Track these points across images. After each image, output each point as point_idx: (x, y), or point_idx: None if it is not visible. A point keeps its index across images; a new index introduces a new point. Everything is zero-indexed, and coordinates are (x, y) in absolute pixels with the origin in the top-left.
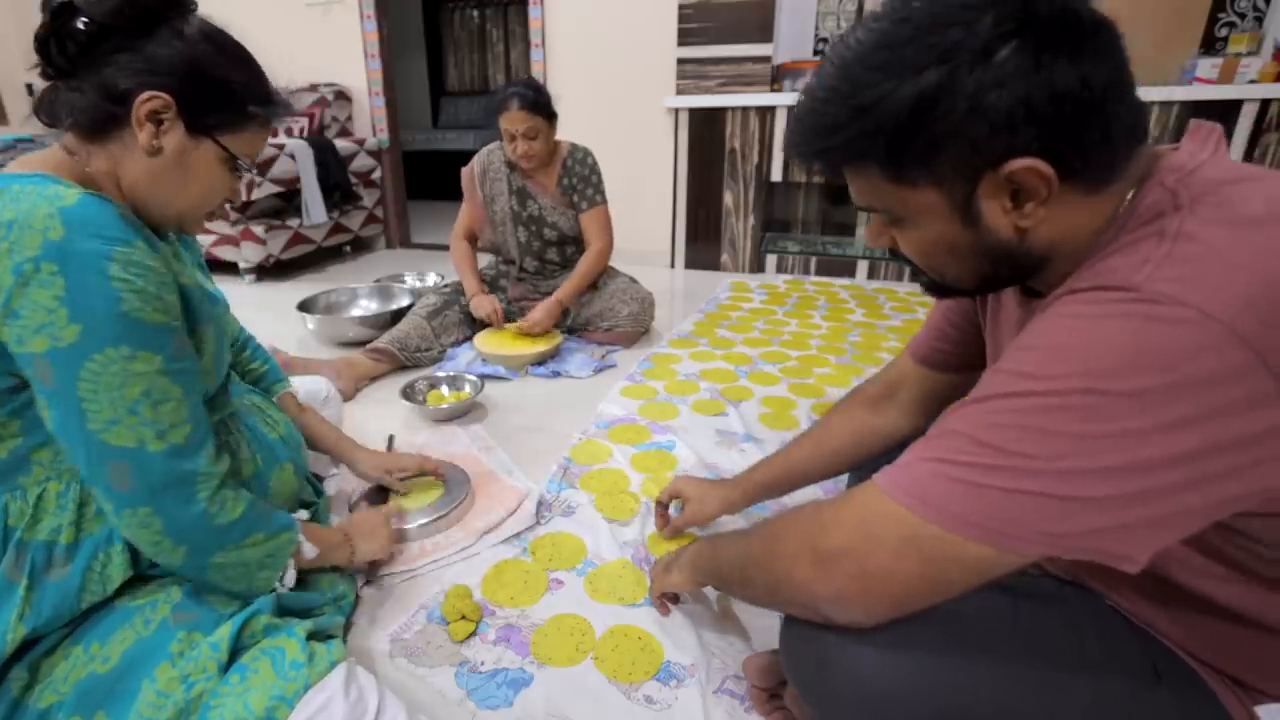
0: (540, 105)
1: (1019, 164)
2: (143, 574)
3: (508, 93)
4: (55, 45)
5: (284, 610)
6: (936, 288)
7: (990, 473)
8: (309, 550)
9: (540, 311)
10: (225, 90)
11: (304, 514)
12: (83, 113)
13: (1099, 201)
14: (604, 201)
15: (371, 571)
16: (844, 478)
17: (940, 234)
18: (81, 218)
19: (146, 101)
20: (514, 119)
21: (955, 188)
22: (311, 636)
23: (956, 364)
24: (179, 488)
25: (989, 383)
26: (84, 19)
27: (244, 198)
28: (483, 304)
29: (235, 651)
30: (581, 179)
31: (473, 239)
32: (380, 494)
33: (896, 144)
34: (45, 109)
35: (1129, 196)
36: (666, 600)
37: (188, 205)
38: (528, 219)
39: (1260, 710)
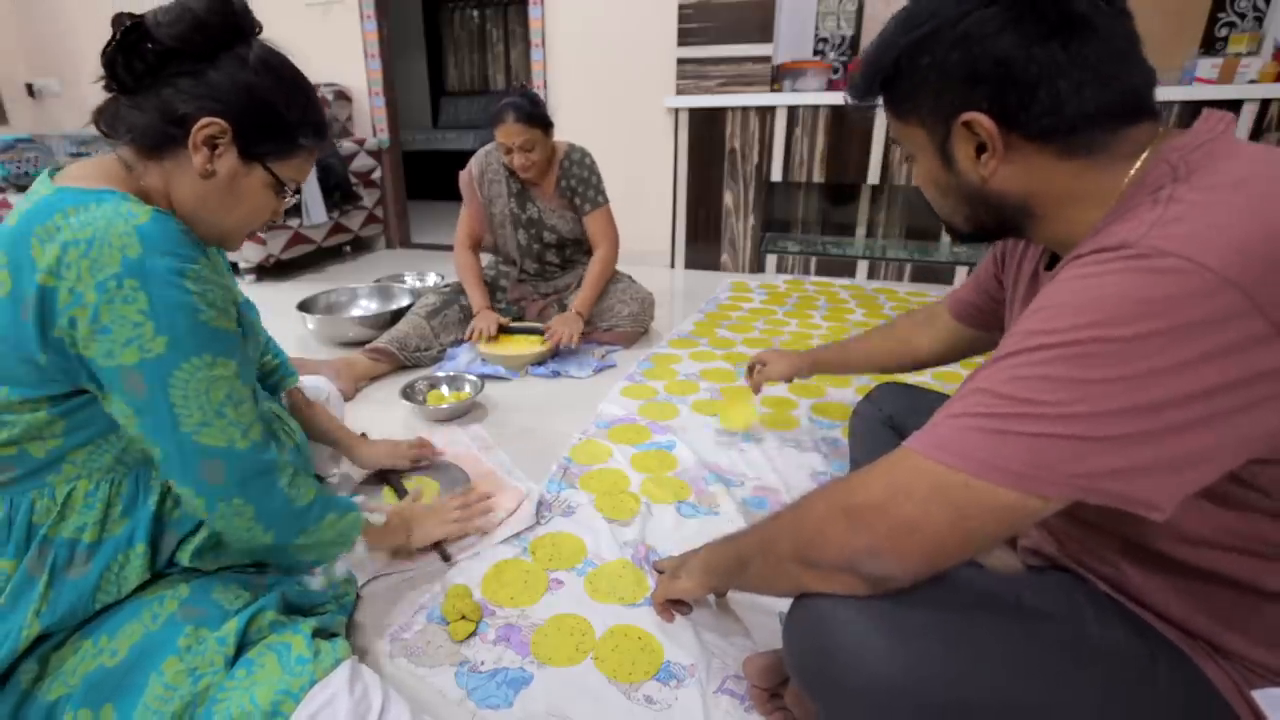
0: (536, 117)
1: (967, 115)
2: (156, 573)
3: (503, 105)
4: (122, 63)
5: (289, 607)
6: (950, 230)
7: (1012, 420)
8: (361, 548)
9: (561, 324)
10: (280, 120)
11: (360, 498)
12: (142, 131)
13: (1088, 170)
14: (606, 202)
15: (442, 552)
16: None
17: (930, 170)
18: (155, 235)
19: (205, 127)
20: (510, 132)
21: (935, 130)
22: (317, 634)
23: (981, 323)
24: (263, 477)
25: (1004, 345)
26: (152, 42)
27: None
28: (482, 320)
29: (242, 646)
30: (581, 180)
31: (476, 245)
32: (377, 482)
33: (889, 84)
34: (106, 120)
35: (1132, 172)
36: (671, 607)
37: (233, 225)
38: (527, 221)
39: (1256, 694)
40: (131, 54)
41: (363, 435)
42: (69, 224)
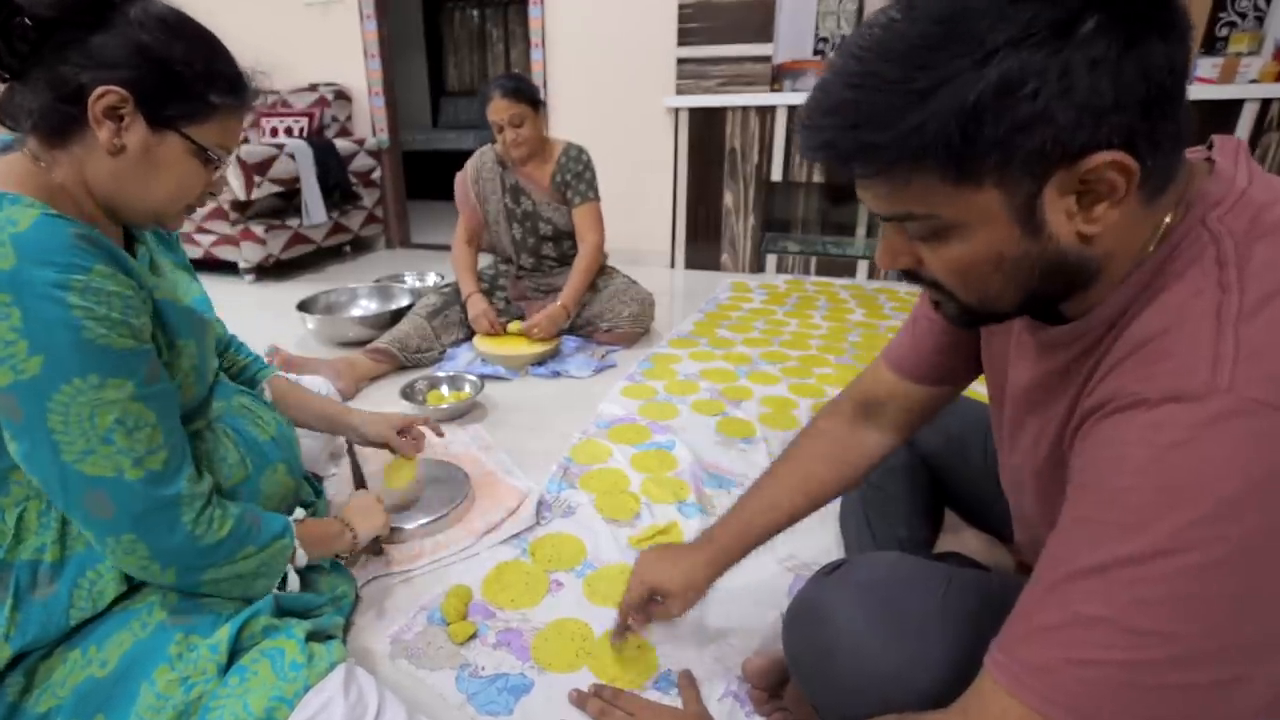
0: (522, 92)
1: (1102, 158)
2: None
3: (490, 84)
4: (3, 45)
5: (283, 611)
6: (965, 314)
7: (1158, 669)
8: (302, 557)
9: (543, 316)
10: (184, 79)
11: (300, 513)
12: (40, 115)
13: (1150, 215)
14: (596, 198)
15: (373, 547)
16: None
17: (991, 245)
18: (34, 244)
19: (101, 98)
20: (498, 108)
21: (1020, 187)
22: (311, 637)
23: (945, 377)
24: (161, 512)
25: (1083, 540)
26: (28, 17)
27: (224, 189)
28: (476, 305)
29: (234, 653)
30: (575, 175)
31: (474, 242)
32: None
33: (967, 135)
34: (4, 113)
35: (1165, 221)
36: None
37: (160, 202)
38: (522, 215)
39: None
40: (9, 33)
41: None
42: None
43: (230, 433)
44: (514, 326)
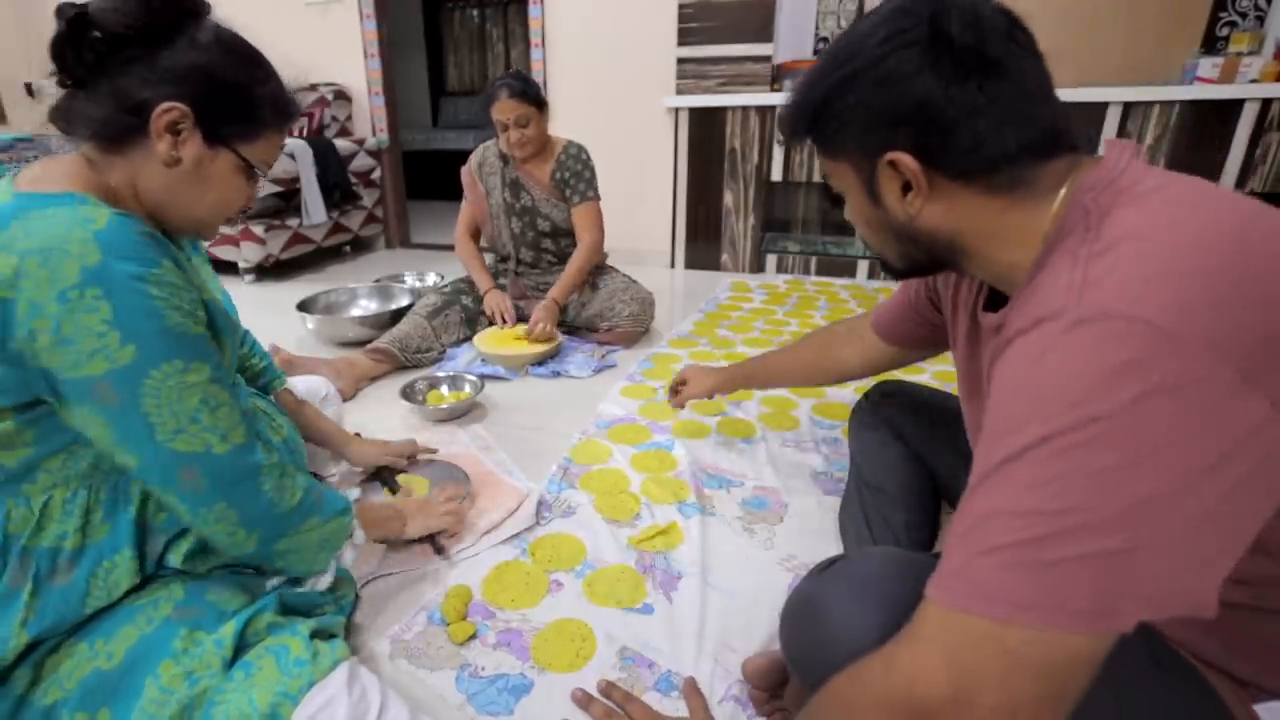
0: (528, 93)
1: (891, 155)
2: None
3: (496, 83)
4: (71, 55)
5: (287, 609)
6: (885, 266)
7: (1051, 543)
8: (360, 535)
9: (540, 312)
10: (242, 99)
11: (357, 492)
12: (101, 124)
13: (1013, 208)
14: (596, 197)
15: (435, 544)
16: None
17: (859, 208)
18: (115, 241)
19: (165, 113)
20: (504, 108)
21: (861, 168)
22: (315, 635)
23: (910, 343)
24: (247, 481)
25: (990, 451)
26: (99, 30)
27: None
28: (494, 300)
29: (239, 649)
30: (575, 174)
31: (475, 234)
32: (374, 479)
33: (815, 122)
34: (63, 117)
35: (1054, 207)
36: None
37: (205, 214)
38: (520, 210)
39: (1261, 710)
40: (80, 44)
41: (356, 435)
42: (25, 232)
43: None
44: (511, 332)
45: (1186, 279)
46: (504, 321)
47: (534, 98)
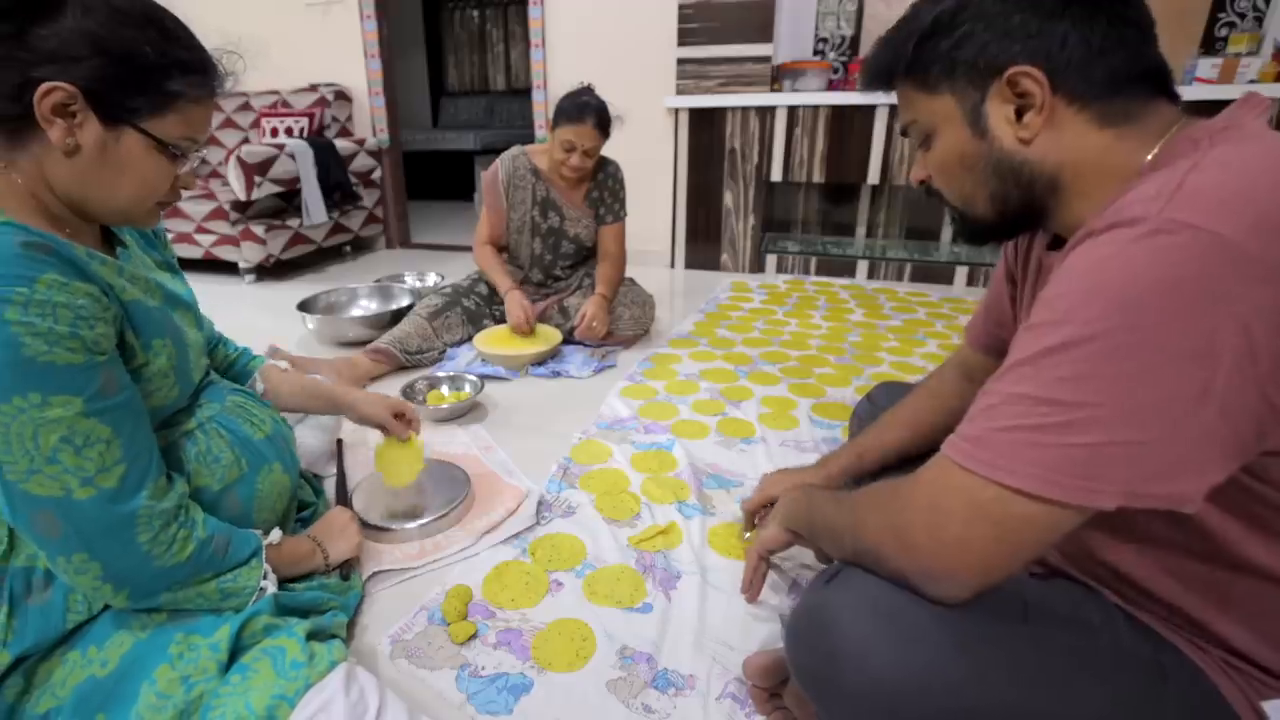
0: (608, 127)
1: (1017, 69)
2: None
3: (583, 103)
4: None
5: (284, 610)
6: (965, 224)
7: (1066, 430)
8: (271, 585)
9: (593, 307)
10: (140, 69)
11: (275, 536)
12: None
13: (1114, 140)
14: (625, 216)
15: (345, 570)
16: None
17: (956, 144)
18: None
19: (46, 95)
20: (586, 135)
21: (968, 94)
22: (312, 636)
23: (1003, 351)
24: (118, 532)
25: (1027, 341)
26: None
27: (196, 184)
28: (516, 303)
29: (235, 652)
30: (611, 193)
31: (495, 244)
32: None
33: (921, 49)
34: None
35: (1156, 149)
36: (761, 564)
37: (126, 203)
38: (546, 231)
39: (1268, 706)
40: None
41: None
42: None
43: (223, 432)
44: (550, 333)
45: (1267, 204)
46: (527, 327)
47: (608, 130)
